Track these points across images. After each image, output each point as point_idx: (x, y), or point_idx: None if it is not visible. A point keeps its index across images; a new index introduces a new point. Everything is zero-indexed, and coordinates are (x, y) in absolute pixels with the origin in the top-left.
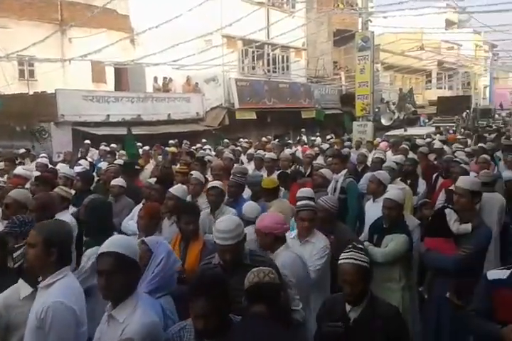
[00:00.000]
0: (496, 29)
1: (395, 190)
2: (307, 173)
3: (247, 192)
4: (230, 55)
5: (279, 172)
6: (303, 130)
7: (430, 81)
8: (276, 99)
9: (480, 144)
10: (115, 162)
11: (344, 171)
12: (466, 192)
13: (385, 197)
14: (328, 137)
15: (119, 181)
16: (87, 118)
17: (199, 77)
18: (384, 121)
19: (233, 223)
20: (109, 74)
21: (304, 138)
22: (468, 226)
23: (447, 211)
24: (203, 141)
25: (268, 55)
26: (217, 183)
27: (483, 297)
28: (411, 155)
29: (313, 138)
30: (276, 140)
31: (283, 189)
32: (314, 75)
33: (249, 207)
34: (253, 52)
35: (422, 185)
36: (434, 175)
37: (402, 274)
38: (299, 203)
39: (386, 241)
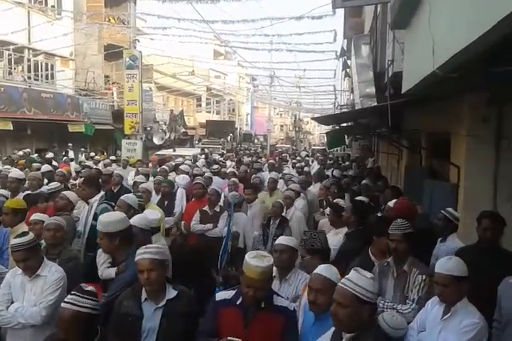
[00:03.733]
0: (254, 65)
1: (138, 218)
2: None
3: None
4: None
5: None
6: (70, 145)
7: (200, 105)
8: (38, 110)
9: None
10: None
11: (99, 195)
12: (105, 235)
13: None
14: (92, 154)
15: None
16: None
17: None
18: (156, 140)
19: None
20: None
21: (71, 153)
22: (111, 272)
23: (99, 251)
24: None
25: (29, 60)
26: None
27: (211, 316)
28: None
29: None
30: (36, 155)
31: None
32: (83, 88)
33: None
34: (10, 55)
35: (178, 207)
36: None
37: None
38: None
39: None
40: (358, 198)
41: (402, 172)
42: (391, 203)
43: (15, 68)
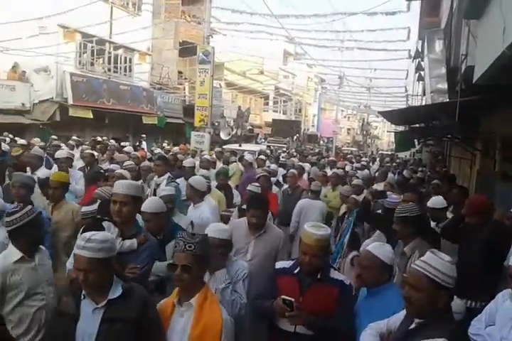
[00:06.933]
0: (322, 63)
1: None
2: None
3: None
4: (66, 46)
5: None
6: (143, 136)
7: (268, 103)
8: (116, 101)
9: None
10: None
11: (167, 175)
12: (129, 199)
13: None
14: (164, 144)
15: None
16: None
17: (28, 65)
18: (223, 136)
19: None
20: None
21: (144, 144)
22: (134, 243)
23: (106, 224)
24: None
25: (109, 53)
26: None
27: (270, 281)
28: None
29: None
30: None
31: None
32: (158, 82)
33: None
34: (92, 47)
35: (237, 197)
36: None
37: None
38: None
39: None
40: None
41: (474, 177)
42: None
43: (97, 60)
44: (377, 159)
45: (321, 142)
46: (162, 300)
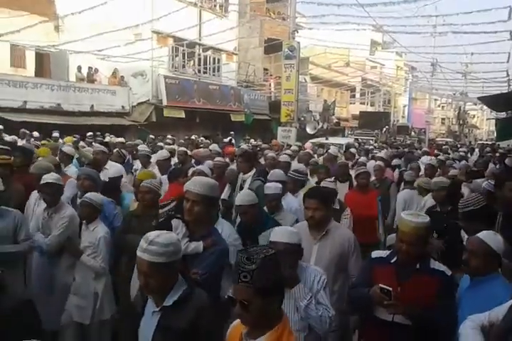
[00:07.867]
0: (412, 50)
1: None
2: None
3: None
4: (160, 50)
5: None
6: (232, 133)
7: (354, 96)
8: (206, 100)
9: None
10: None
11: (252, 172)
12: (201, 198)
13: None
14: (252, 140)
15: None
16: (2, 103)
17: (126, 70)
18: (309, 130)
19: None
20: (30, 59)
21: (233, 141)
22: (199, 246)
23: (175, 222)
24: None
25: (199, 55)
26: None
27: (366, 271)
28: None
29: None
30: (202, 138)
31: None
32: (244, 80)
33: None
34: (183, 50)
35: None
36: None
37: None
38: None
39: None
40: None
41: None
42: None
43: (187, 62)
44: (476, 149)
45: (413, 133)
46: (235, 321)
